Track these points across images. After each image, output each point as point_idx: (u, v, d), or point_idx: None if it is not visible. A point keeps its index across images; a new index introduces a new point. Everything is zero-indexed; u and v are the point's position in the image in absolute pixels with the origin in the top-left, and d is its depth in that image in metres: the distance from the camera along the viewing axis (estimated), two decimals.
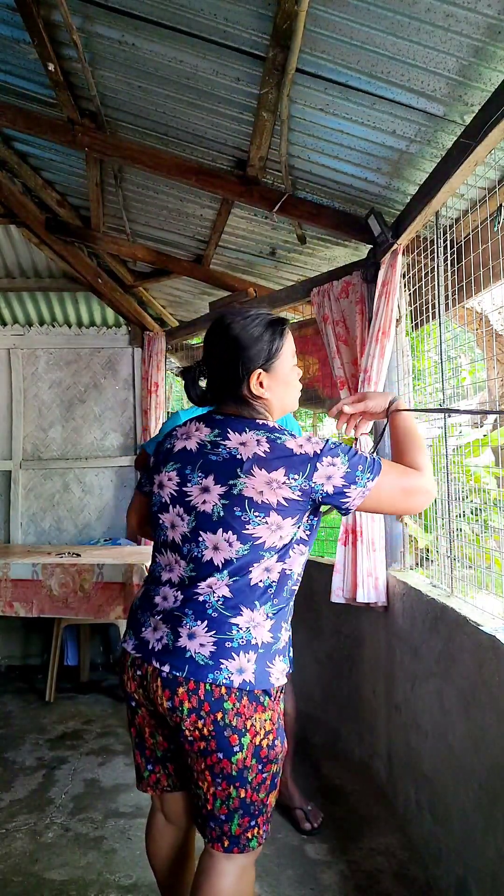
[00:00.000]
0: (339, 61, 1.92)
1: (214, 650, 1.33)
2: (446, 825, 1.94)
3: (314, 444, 1.35)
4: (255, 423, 1.40)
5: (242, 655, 1.33)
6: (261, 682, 1.34)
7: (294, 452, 1.33)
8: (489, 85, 1.83)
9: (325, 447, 1.35)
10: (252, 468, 1.33)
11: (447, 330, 2.37)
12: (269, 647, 1.37)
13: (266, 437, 1.36)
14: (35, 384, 4.58)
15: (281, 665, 1.39)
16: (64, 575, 3.34)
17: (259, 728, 1.34)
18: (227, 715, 1.32)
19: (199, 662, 1.32)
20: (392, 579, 2.57)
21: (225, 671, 1.32)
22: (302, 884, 2.09)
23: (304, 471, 1.32)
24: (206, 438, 1.41)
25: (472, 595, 2.06)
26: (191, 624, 1.35)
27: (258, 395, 1.42)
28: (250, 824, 1.37)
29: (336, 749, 3.04)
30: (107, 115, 2.59)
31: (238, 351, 1.40)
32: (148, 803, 2.56)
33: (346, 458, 1.34)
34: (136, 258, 3.82)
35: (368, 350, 2.53)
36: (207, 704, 1.32)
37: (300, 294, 3.20)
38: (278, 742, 1.39)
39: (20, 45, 2.28)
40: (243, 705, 1.32)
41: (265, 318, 1.44)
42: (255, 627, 1.35)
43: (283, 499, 1.33)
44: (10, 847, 2.29)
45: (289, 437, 1.36)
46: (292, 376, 1.49)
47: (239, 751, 1.32)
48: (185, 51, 2.07)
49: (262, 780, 1.37)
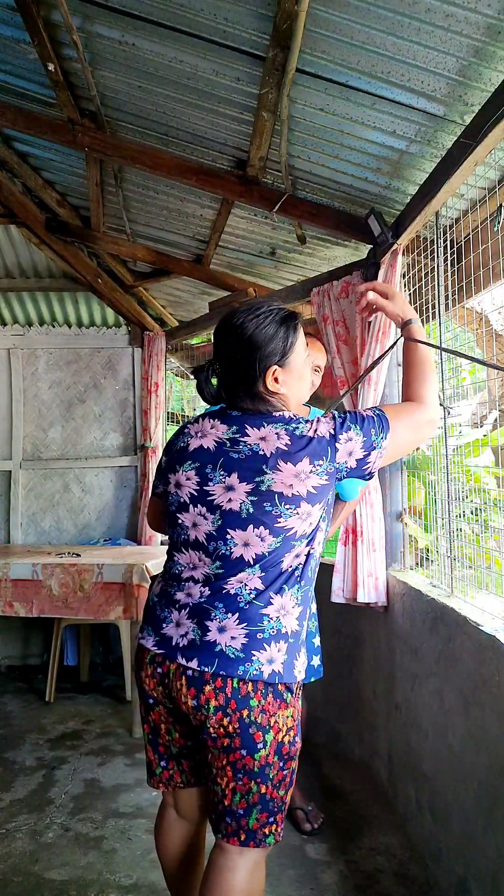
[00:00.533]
0: (339, 61, 1.92)
1: (246, 642, 1.32)
2: (446, 825, 1.94)
3: (328, 425, 1.37)
4: (271, 416, 1.40)
5: (273, 645, 1.34)
6: (287, 674, 1.35)
7: (312, 439, 1.35)
8: (489, 85, 1.83)
9: (337, 424, 1.37)
10: (278, 463, 1.33)
11: (447, 330, 2.37)
12: (297, 637, 1.39)
13: (284, 429, 1.37)
14: (35, 384, 4.58)
15: (303, 658, 1.41)
16: (64, 575, 3.34)
17: (282, 725, 1.35)
18: (252, 712, 1.32)
19: (230, 656, 1.31)
20: (392, 579, 2.57)
21: (256, 663, 1.32)
22: (302, 884, 2.09)
23: (327, 454, 1.35)
24: (223, 436, 1.40)
25: (472, 595, 2.06)
26: (221, 617, 1.34)
27: (274, 391, 1.42)
28: (268, 820, 1.37)
29: (336, 749, 3.04)
30: (107, 115, 2.59)
31: (253, 350, 1.40)
32: (148, 804, 2.57)
33: (359, 428, 1.37)
34: (136, 258, 3.82)
35: (368, 350, 2.53)
36: (234, 702, 1.31)
37: (300, 294, 3.20)
38: (298, 738, 1.40)
39: (20, 45, 2.28)
40: (268, 702, 1.33)
41: (277, 314, 1.43)
42: (286, 616, 1.36)
43: (312, 487, 1.34)
44: (10, 847, 2.29)
45: (303, 424, 1.37)
46: (305, 368, 1.51)
47: (263, 748, 1.33)
48: (185, 51, 2.07)
49: (283, 778, 1.37)
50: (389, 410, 1.44)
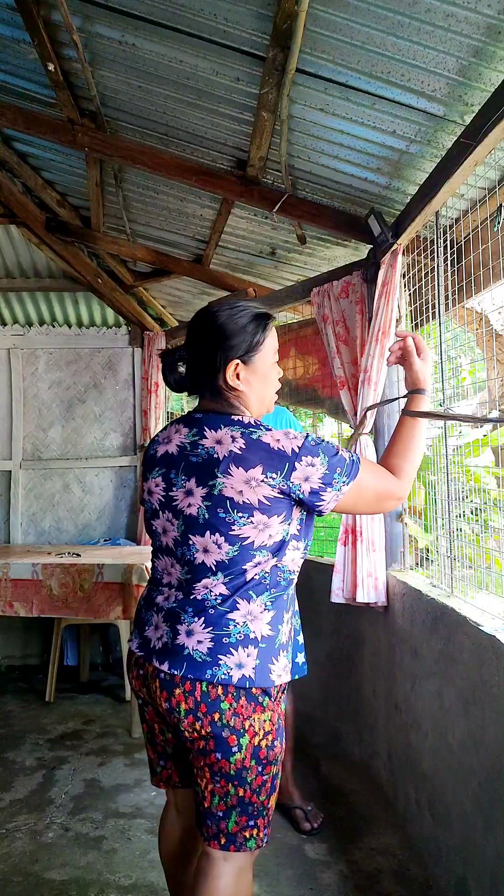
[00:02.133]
0: (339, 61, 1.92)
1: (212, 646, 1.32)
2: (446, 825, 1.94)
3: (293, 441, 1.31)
4: (230, 419, 1.37)
5: (241, 650, 1.32)
6: (261, 679, 1.32)
7: (271, 448, 1.30)
8: (489, 85, 1.83)
9: (304, 444, 1.31)
10: (229, 467, 1.30)
11: (447, 330, 2.37)
12: (272, 642, 1.35)
13: (241, 432, 1.33)
14: (35, 384, 4.58)
15: (283, 662, 1.38)
16: (64, 575, 3.34)
17: (258, 728, 1.33)
18: (224, 715, 1.30)
19: (197, 660, 1.32)
20: (392, 579, 2.57)
21: (224, 667, 1.30)
22: (301, 883, 2.09)
23: (283, 469, 1.29)
24: (185, 440, 1.39)
25: (472, 595, 2.06)
26: (189, 621, 1.35)
27: (234, 386, 1.39)
28: (248, 824, 1.35)
29: (336, 749, 3.03)
30: (107, 115, 2.59)
31: (219, 339, 1.38)
32: (147, 804, 2.57)
33: (326, 459, 1.32)
34: (136, 258, 3.82)
35: (368, 350, 2.53)
36: (204, 706, 1.31)
37: (300, 294, 3.20)
38: (278, 743, 1.37)
39: (20, 45, 2.28)
40: (241, 705, 1.31)
41: (251, 311, 1.41)
42: (253, 620, 1.33)
43: (264, 497, 1.30)
44: (10, 847, 2.29)
45: (265, 431, 1.33)
46: (272, 374, 1.46)
47: (237, 751, 1.32)
48: (185, 51, 2.07)
49: (263, 783, 1.35)
50: (366, 465, 1.38)
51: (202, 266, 3.74)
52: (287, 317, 3.94)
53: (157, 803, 2.55)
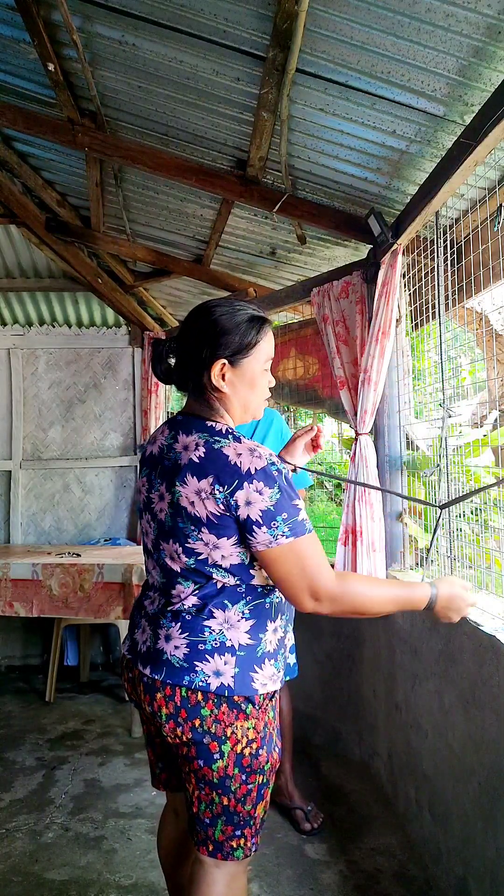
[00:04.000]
0: (339, 61, 1.92)
1: (188, 652, 1.30)
2: (446, 825, 1.94)
3: (254, 459, 1.23)
4: (203, 424, 1.32)
5: (217, 658, 1.29)
6: (242, 688, 1.29)
7: (228, 461, 1.23)
8: (489, 85, 1.83)
9: (263, 468, 1.22)
10: (186, 476, 1.26)
11: (447, 330, 2.37)
12: (252, 651, 1.32)
13: (205, 440, 1.27)
14: (35, 384, 4.58)
15: (270, 670, 1.34)
16: (64, 575, 3.34)
17: (241, 736, 1.30)
18: (204, 722, 1.28)
19: (175, 665, 1.30)
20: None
21: (201, 674, 1.28)
22: (301, 884, 2.09)
23: (231, 484, 1.21)
24: (164, 442, 1.37)
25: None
26: (167, 626, 1.34)
27: (217, 386, 1.33)
28: (234, 833, 1.34)
29: (336, 749, 3.03)
30: (107, 115, 2.59)
31: (210, 335, 1.32)
32: (148, 804, 2.57)
33: (278, 495, 1.21)
34: (136, 258, 3.82)
35: (368, 350, 2.53)
36: (184, 711, 1.29)
37: (300, 294, 3.20)
38: (263, 752, 1.33)
39: (20, 45, 2.28)
40: (222, 712, 1.29)
41: (249, 312, 1.35)
42: (230, 629, 1.30)
43: (210, 513, 1.24)
44: (10, 847, 2.29)
45: (232, 442, 1.26)
46: (261, 380, 1.38)
47: (219, 758, 1.29)
48: (185, 51, 2.06)
49: (247, 792, 1.33)
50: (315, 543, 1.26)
51: (202, 266, 3.74)
52: (287, 317, 3.94)
53: (158, 803, 2.55)
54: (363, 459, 2.62)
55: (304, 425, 2.38)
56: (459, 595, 1.38)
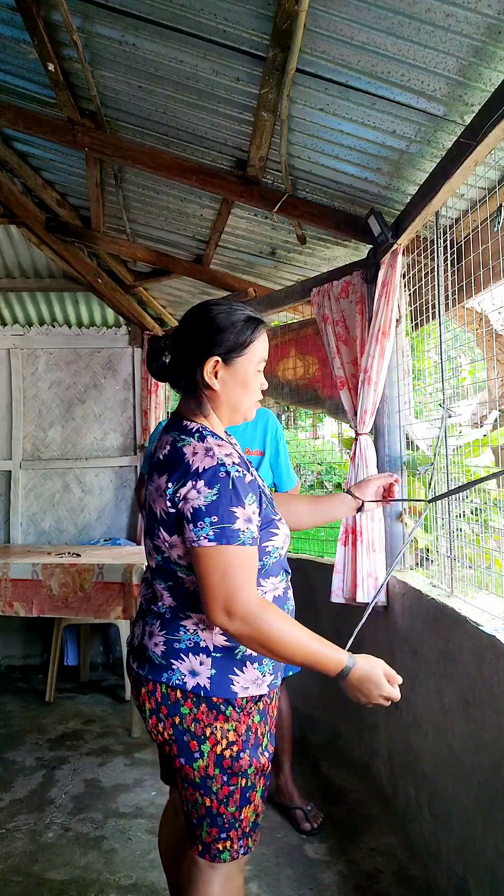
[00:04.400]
0: (339, 61, 1.92)
1: (165, 650, 1.32)
2: (446, 825, 1.94)
3: (205, 459, 1.23)
4: (179, 423, 1.34)
5: (192, 657, 1.30)
6: (219, 690, 1.30)
7: (184, 458, 1.24)
8: (489, 85, 1.83)
9: (210, 469, 1.21)
10: (153, 474, 1.30)
11: (447, 330, 2.37)
12: (230, 653, 1.32)
13: (174, 438, 1.30)
14: (35, 384, 4.58)
15: (252, 674, 1.33)
16: (64, 575, 3.34)
17: (220, 737, 1.31)
18: (184, 720, 1.30)
19: (155, 661, 1.33)
20: (392, 579, 2.57)
21: (178, 672, 1.30)
22: (301, 883, 2.09)
23: (179, 480, 1.23)
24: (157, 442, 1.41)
25: (472, 595, 2.06)
26: (151, 622, 1.37)
27: (209, 383, 1.33)
28: (220, 836, 1.34)
29: (336, 749, 3.03)
30: (107, 115, 2.59)
31: (206, 332, 1.33)
32: (148, 804, 2.58)
33: (215, 498, 1.20)
34: (136, 258, 3.82)
35: (368, 350, 2.53)
36: (165, 707, 1.31)
37: (300, 294, 3.20)
38: (245, 755, 1.33)
39: (20, 45, 2.28)
40: (201, 711, 1.30)
41: (245, 313, 1.36)
42: (205, 630, 1.31)
43: (162, 510, 1.26)
44: (10, 847, 2.29)
45: (194, 441, 1.27)
46: (252, 381, 1.38)
47: (199, 758, 1.31)
48: (185, 51, 2.06)
49: (230, 794, 1.33)
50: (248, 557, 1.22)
51: (202, 266, 3.74)
52: (287, 317, 3.93)
53: (158, 803, 2.54)
54: (363, 459, 2.62)
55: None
56: (374, 681, 1.31)
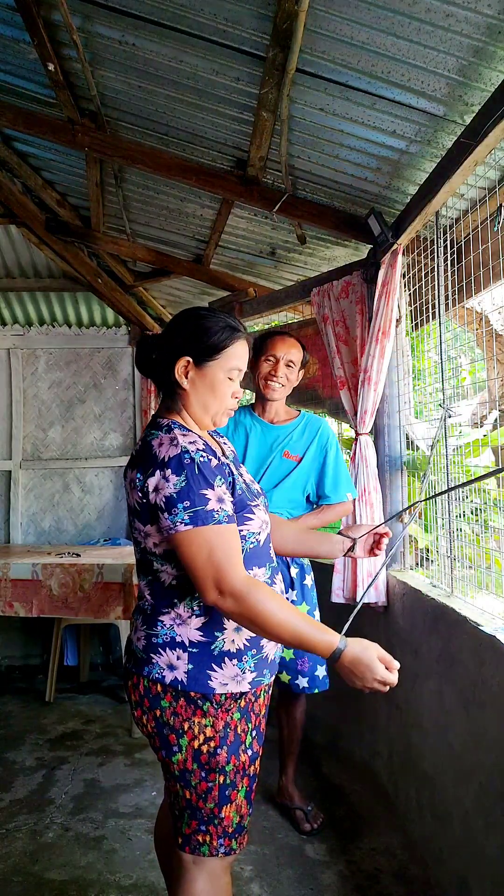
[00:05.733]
0: (339, 61, 1.92)
1: (145, 643, 1.37)
2: (446, 825, 1.94)
3: (171, 448, 1.28)
4: (155, 421, 1.41)
5: (169, 652, 1.34)
6: (195, 685, 1.32)
7: (152, 451, 1.30)
8: (489, 85, 1.83)
9: (175, 457, 1.26)
10: (128, 470, 1.36)
11: (447, 330, 2.37)
12: (206, 648, 1.34)
13: (146, 434, 1.37)
14: (35, 384, 4.58)
15: (231, 671, 1.34)
16: (64, 575, 3.34)
17: (197, 732, 1.33)
18: (164, 713, 1.34)
19: (138, 655, 1.38)
20: (392, 579, 2.57)
21: (157, 666, 1.34)
22: (301, 884, 2.09)
23: (147, 472, 1.28)
24: None
25: (472, 595, 2.06)
26: (137, 618, 1.43)
27: (179, 381, 1.39)
28: (199, 829, 1.36)
29: (336, 749, 3.03)
30: (107, 115, 2.59)
31: (182, 333, 1.40)
32: (148, 804, 2.58)
33: (183, 483, 1.24)
34: (136, 258, 3.82)
35: (368, 350, 2.53)
36: (147, 700, 1.35)
37: (300, 294, 3.20)
38: (223, 752, 1.34)
39: (20, 45, 2.28)
40: (180, 705, 1.33)
41: (226, 321, 1.41)
42: (181, 625, 1.35)
43: (136, 501, 1.32)
44: (10, 847, 2.29)
45: (161, 434, 1.33)
46: (222, 388, 1.41)
47: (178, 751, 1.34)
48: (185, 51, 2.06)
49: (208, 789, 1.35)
50: (227, 536, 1.25)
51: (202, 266, 3.74)
52: (287, 317, 3.94)
53: (158, 803, 2.54)
54: (363, 459, 2.62)
55: None
56: (367, 664, 1.32)
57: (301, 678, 2.36)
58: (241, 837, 1.41)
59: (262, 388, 2.38)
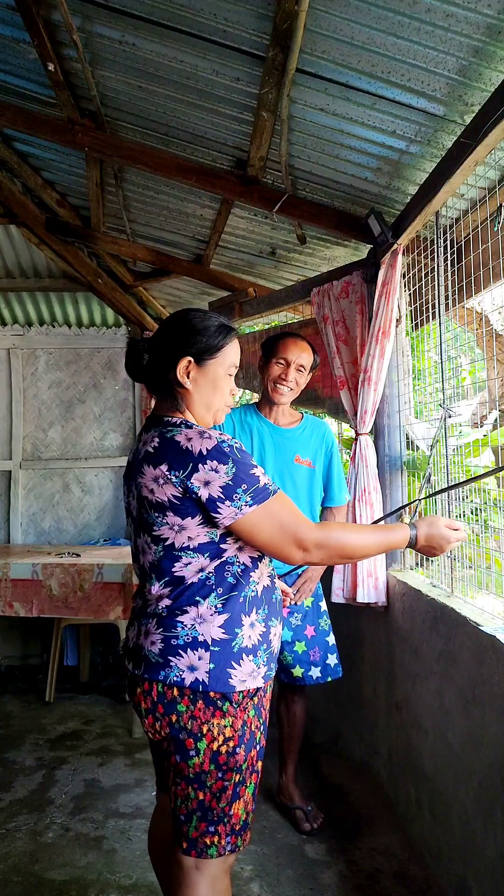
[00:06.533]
0: (339, 61, 1.92)
1: (163, 647, 1.34)
2: (446, 824, 1.94)
3: (204, 441, 1.30)
4: (160, 420, 1.40)
5: (191, 653, 1.32)
6: (217, 684, 1.31)
7: (180, 446, 1.30)
8: (489, 85, 1.83)
9: (215, 447, 1.29)
10: (142, 466, 1.35)
11: (447, 330, 2.37)
12: (227, 645, 1.33)
13: (160, 432, 1.35)
14: (35, 384, 4.58)
15: (248, 666, 1.35)
16: (64, 575, 3.34)
17: (217, 734, 1.32)
18: (181, 718, 1.31)
19: (152, 660, 1.34)
20: (392, 579, 2.57)
21: (175, 669, 1.32)
22: (301, 884, 2.09)
23: (186, 468, 1.28)
24: (138, 443, 1.45)
25: (472, 595, 2.06)
26: (145, 622, 1.39)
27: (181, 382, 1.40)
28: (208, 830, 1.35)
29: (336, 748, 3.03)
30: (107, 115, 2.59)
31: (180, 334, 1.41)
32: (147, 804, 2.58)
33: (234, 469, 1.28)
34: (136, 258, 3.82)
35: (368, 350, 2.53)
36: (161, 706, 1.32)
37: (300, 294, 3.20)
38: (241, 750, 1.34)
39: (20, 45, 2.28)
40: (198, 708, 1.31)
41: (218, 321, 1.45)
42: (202, 623, 1.33)
43: (172, 496, 1.30)
44: (10, 847, 2.29)
45: (183, 429, 1.33)
46: (223, 384, 1.45)
47: (195, 755, 1.32)
48: (185, 51, 2.06)
49: (223, 788, 1.34)
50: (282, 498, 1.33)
51: (202, 266, 3.74)
52: (287, 317, 3.94)
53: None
54: (363, 459, 2.62)
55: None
56: (440, 535, 1.47)
57: (314, 668, 2.38)
58: (245, 834, 1.41)
59: (270, 390, 2.37)
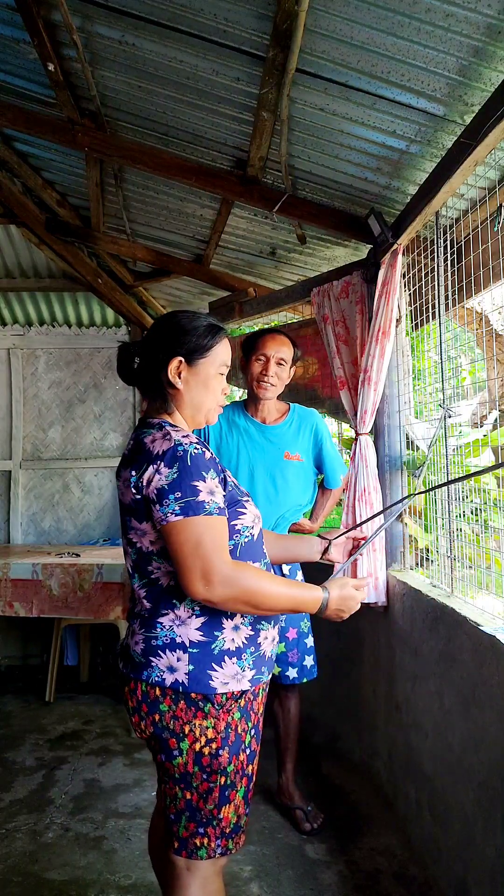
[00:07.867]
0: (339, 61, 1.92)
1: (144, 647, 1.36)
2: (446, 825, 1.94)
3: (164, 443, 1.30)
4: (147, 421, 1.42)
5: (169, 653, 1.33)
6: (196, 685, 1.31)
7: (145, 447, 1.32)
8: (489, 85, 1.83)
9: (168, 449, 1.28)
10: (120, 470, 1.37)
11: (447, 330, 2.37)
12: (207, 648, 1.34)
13: (136, 434, 1.38)
14: (35, 384, 4.58)
15: (231, 669, 1.34)
16: (64, 575, 3.34)
17: (199, 735, 1.32)
18: (163, 717, 1.33)
19: (136, 660, 1.37)
20: (392, 579, 2.57)
21: (157, 669, 1.33)
22: (301, 884, 2.09)
23: (142, 468, 1.30)
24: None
25: (472, 595, 2.06)
26: (133, 622, 1.42)
27: (173, 382, 1.41)
28: (197, 831, 1.35)
29: (336, 749, 3.03)
30: (107, 115, 2.59)
31: (170, 335, 1.42)
32: (147, 804, 2.58)
33: (175, 475, 1.26)
34: (136, 258, 3.82)
35: (368, 350, 2.53)
36: (145, 706, 1.34)
37: (300, 294, 3.20)
38: (225, 753, 1.34)
39: (20, 45, 2.28)
40: (180, 709, 1.32)
41: (208, 321, 1.46)
42: (180, 626, 1.34)
43: (131, 499, 1.33)
44: (10, 847, 2.29)
45: (155, 432, 1.34)
46: (214, 383, 1.46)
47: (178, 755, 1.33)
48: (185, 51, 2.06)
49: (209, 790, 1.34)
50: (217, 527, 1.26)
51: (202, 266, 3.74)
52: (287, 317, 3.94)
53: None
54: (363, 459, 2.62)
55: None
56: (349, 594, 1.44)
57: (291, 669, 2.43)
58: (238, 837, 1.41)
59: (254, 388, 2.40)
